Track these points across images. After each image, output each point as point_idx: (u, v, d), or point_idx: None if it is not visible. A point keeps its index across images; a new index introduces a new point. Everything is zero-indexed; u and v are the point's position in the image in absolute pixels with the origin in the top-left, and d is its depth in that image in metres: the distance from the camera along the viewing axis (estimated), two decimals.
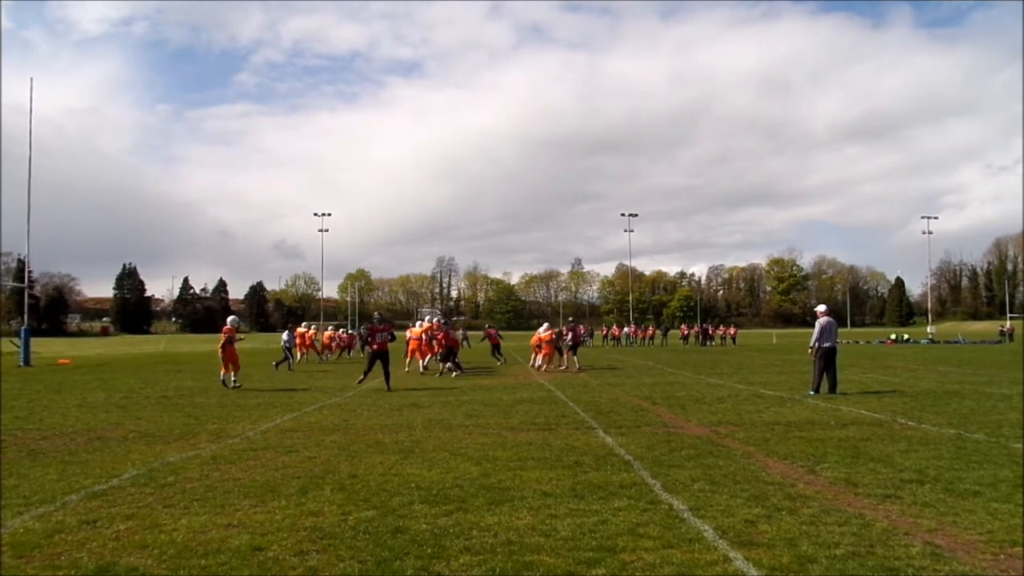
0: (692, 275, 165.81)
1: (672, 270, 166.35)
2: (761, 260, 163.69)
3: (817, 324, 13.71)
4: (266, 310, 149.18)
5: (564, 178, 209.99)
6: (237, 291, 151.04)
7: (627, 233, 77.81)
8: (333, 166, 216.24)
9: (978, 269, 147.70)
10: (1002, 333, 60.90)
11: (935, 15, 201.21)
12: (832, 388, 13.42)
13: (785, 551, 4.24)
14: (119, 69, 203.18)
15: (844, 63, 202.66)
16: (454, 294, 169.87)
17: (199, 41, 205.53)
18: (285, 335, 25.52)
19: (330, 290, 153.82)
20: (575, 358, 23.15)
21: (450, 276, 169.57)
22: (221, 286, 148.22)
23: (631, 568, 3.96)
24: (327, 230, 77.41)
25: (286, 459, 7.29)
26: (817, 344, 13.47)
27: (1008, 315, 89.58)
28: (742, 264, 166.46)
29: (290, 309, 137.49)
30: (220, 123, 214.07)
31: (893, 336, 61.66)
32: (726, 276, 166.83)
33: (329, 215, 77.70)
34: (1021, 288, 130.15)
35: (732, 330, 56.97)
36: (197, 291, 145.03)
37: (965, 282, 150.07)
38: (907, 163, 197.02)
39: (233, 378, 16.00)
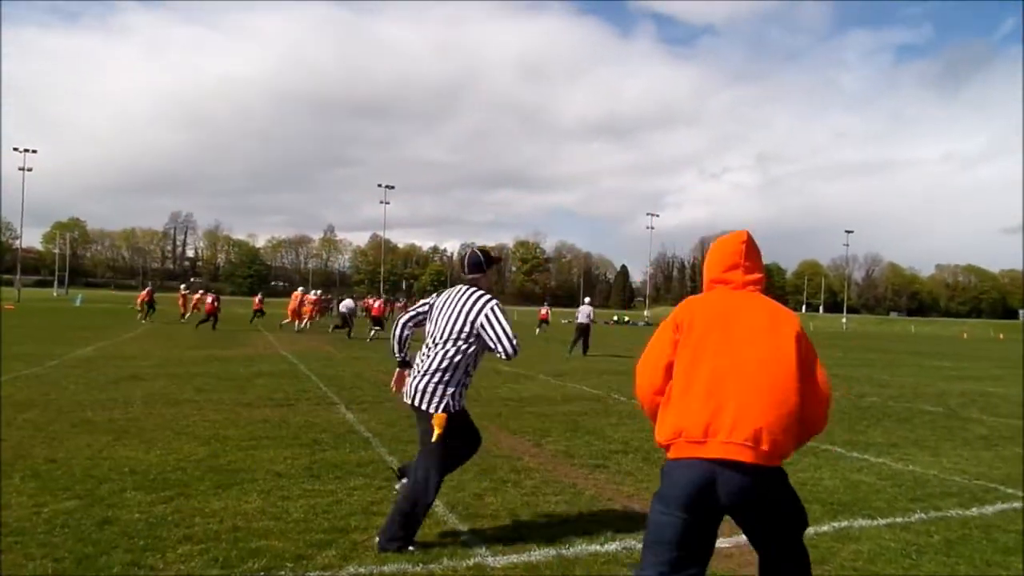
0: (444, 250, 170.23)
1: (426, 244, 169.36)
2: (509, 241, 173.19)
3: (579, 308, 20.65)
4: None
5: (321, 140, 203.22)
6: None
7: (383, 205, 77.61)
8: (43, 95, 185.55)
9: (686, 262, 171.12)
10: None
11: (673, 33, 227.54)
12: (584, 351, 19.54)
13: (507, 521, 4.59)
14: None
15: (594, 64, 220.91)
16: (190, 254, 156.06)
17: None
18: (348, 302, 25.68)
19: (32, 239, 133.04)
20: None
21: (186, 234, 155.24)
22: None
23: (361, 548, 4.01)
24: (30, 169, 66.36)
25: None
26: (577, 320, 20.25)
27: None
28: (492, 243, 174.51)
29: None
30: None
31: (615, 318, 69.06)
32: None
33: (35, 152, 66.63)
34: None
35: None
36: None
37: (676, 273, 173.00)
38: (641, 163, 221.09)
39: None
